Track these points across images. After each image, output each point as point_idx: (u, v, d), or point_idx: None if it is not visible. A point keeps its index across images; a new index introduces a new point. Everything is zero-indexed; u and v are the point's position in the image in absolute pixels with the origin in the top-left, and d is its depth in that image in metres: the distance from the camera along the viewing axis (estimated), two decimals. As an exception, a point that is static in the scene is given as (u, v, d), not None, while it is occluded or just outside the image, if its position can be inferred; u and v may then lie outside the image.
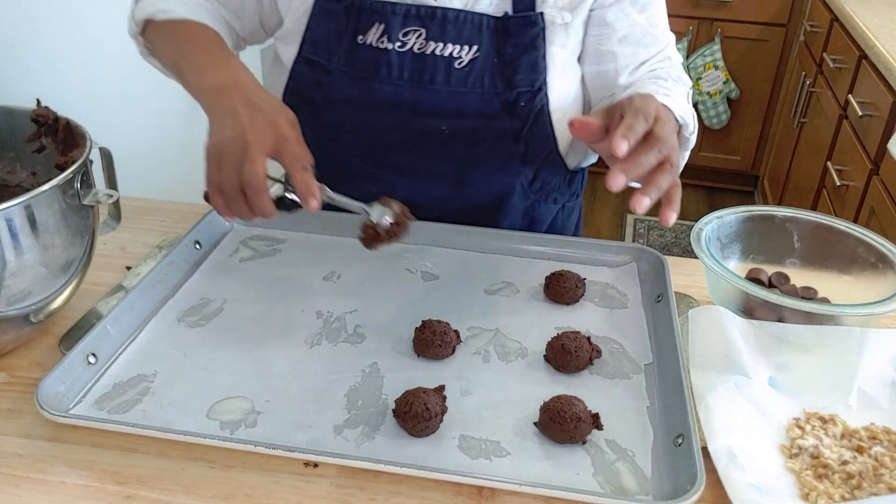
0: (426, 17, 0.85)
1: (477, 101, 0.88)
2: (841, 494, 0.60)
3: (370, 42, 0.87)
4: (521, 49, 0.86)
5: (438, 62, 0.86)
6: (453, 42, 0.86)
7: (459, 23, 0.85)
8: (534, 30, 0.86)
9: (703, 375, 0.69)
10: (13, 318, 0.68)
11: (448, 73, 0.87)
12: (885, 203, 1.67)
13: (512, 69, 0.87)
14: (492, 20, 0.86)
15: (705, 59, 2.98)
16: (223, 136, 0.70)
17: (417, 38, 0.86)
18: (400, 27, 0.86)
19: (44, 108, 0.77)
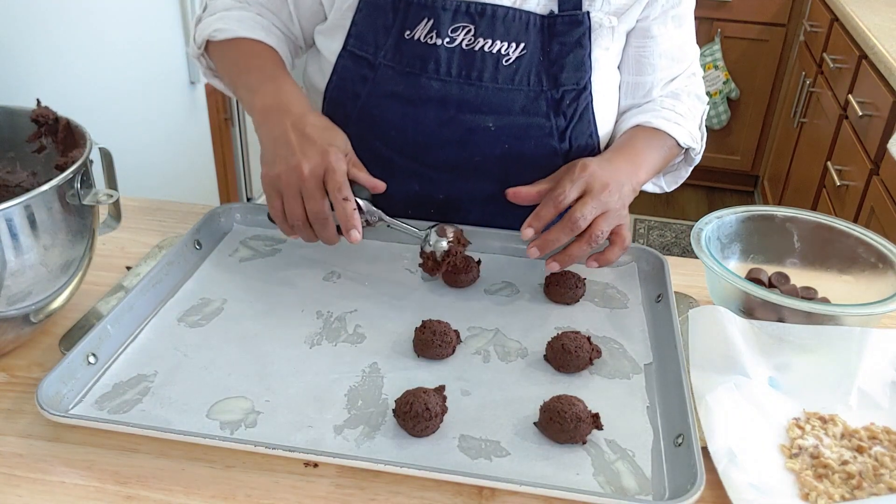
0: (476, 13, 0.86)
1: (523, 99, 0.88)
2: (841, 494, 0.60)
3: (418, 37, 0.87)
4: (568, 47, 0.87)
5: (487, 59, 0.87)
6: (501, 39, 0.86)
7: (508, 20, 0.86)
8: (580, 29, 0.87)
9: (703, 375, 0.69)
10: (13, 318, 0.68)
11: (496, 70, 0.87)
12: (885, 203, 1.67)
13: (558, 67, 0.88)
14: (539, 18, 0.86)
15: (705, 59, 2.98)
16: (278, 169, 0.75)
17: (466, 35, 0.86)
18: (449, 23, 0.86)
19: (44, 108, 0.77)
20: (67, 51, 1.47)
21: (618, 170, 0.83)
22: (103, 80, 1.58)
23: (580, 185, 0.79)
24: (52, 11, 1.42)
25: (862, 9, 2.14)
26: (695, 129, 0.95)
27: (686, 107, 0.95)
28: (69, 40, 1.48)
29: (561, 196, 0.79)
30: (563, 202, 0.79)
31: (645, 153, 0.90)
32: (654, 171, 0.91)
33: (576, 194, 0.79)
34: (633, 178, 0.85)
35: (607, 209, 0.79)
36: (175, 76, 1.83)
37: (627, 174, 0.84)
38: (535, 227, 0.79)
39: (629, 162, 0.86)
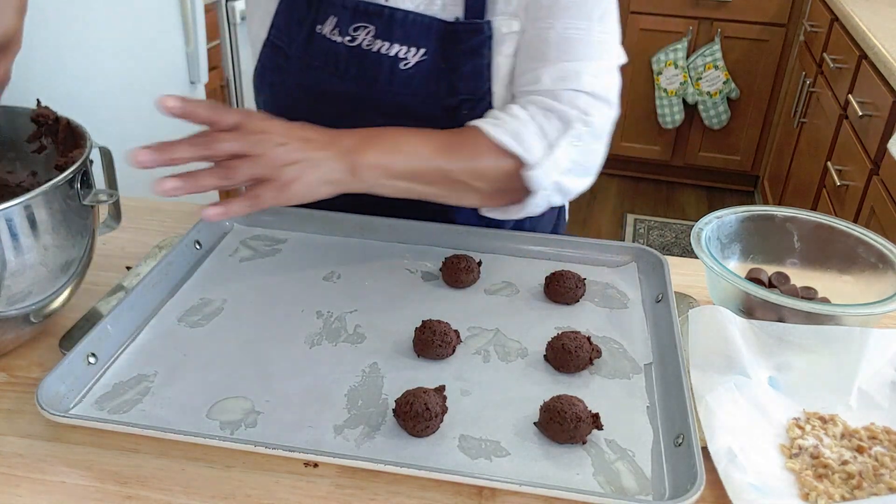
0: (374, 14, 0.85)
1: (419, 105, 0.86)
2: (841, 494, 0.60)
3: (325, 33, 0.87)
4: (467, 56, 0.84)
5: (383, 61, 0.85)
6: (400, 43, 0.85)
7: (408, 24, 0.84)
8: (480, 37, 0.83)
9: (703, 375, 0.69)
10: (13, 318, 0.68)
11: (392, 74, 0.86)
12: (885, 203, 1.67)
13: (457, 76, 0.85)
14: (441, 24, 0.84)
15: (705, 59, 2.99)
16: None
17: (367, 35, 0.85)
18: (350, 21, 0.86)
19: (44, 108, 0.77)
20: (67, 51, 1.47)
21: (320, 135, 0.73)
22: (103, 80, 1.58)
23: (235, 116, 0.70)
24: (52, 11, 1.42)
25: (862, 9, 2.14)
26: (528, 135, 0.79)
27: (528, 113, 0.81)
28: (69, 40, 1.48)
29: (215, 111, 0.69)
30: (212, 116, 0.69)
31: (398, 137, 0.78)
32: (420, 165, 0.77)
33: (228, 120, 0.69)
34: (346, 150, 0.73)
35: (259, 154, 0.68)
36: (175, 76, 1.83)
37: (334, 142, 0.73)
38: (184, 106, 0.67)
39: (359, 137, 0.75)
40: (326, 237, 0.92)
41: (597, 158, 0.84)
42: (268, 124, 0.71)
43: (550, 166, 0.80)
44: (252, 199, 0.70)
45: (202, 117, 0.69)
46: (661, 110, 3.10)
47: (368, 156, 0.75)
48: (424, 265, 0.87)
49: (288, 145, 0.70)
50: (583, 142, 0.81)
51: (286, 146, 0.70)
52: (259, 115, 0.72)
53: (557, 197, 0.83)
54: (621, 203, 3.18)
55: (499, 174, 0.80)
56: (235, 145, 0.68)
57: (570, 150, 0.81)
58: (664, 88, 3.07)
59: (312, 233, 0.92)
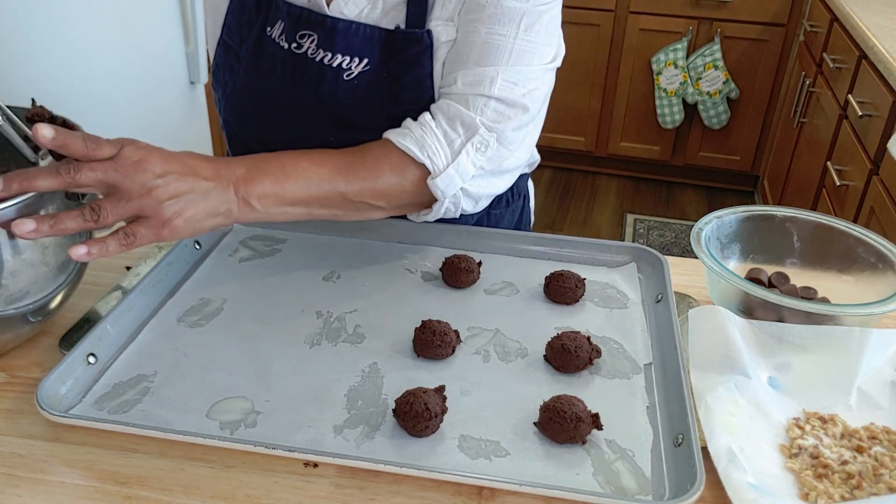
0: (316, 23, 0.83)
1: (363, 114, 0.85)
2: (841, 494, 0.60)
3: (274, 37, 0.87)
4: (408, 65, 0.83)
5: (327, 72, 0.84)
6: (342, 53, 0.83)
7: (350, 34, 0.83)
8: (420, 46, 0.82)
9: (703, 375, 0.69)
10: (11, 318, 0.68)
11: (335, 84, 0.84)
12: (885, 203, 1.67)
13: (399, 85, 0.84)
14: (382, 33, 0.82)
15: (705, 59, 2.98)
16: None
17: (311, 43, 0.84)
18: (295, 28, 0.84)
19: (39, 107, 0.77)
20: (67, 50, 1.47)
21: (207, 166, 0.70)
22: (103, 80, 1.58)
23: (112, 147, 0.65)
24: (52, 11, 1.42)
25: (862, 9, 2.14)
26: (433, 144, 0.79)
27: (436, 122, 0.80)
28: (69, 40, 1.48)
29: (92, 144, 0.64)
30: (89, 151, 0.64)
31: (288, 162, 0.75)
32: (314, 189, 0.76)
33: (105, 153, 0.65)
34: (235, 180, 0.71)
35: (123, 188, 0.64)
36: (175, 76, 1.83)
37: (222, 173, 0.71)
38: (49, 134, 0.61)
39: (247, 165, 0.73)
40: (326, 237, 0.92)
41: (512, 161, 0.84)
42: (146, 153, 0.66)
43: (454, 174, 0.80)
44: (126, 238, 0.65)
45: (76, 149, 0.63)
46: (661, 110, 3.10)
47: (258, 185, 0.72)
48: (424, 265, 0.87)
49: (167, 176, 0.66)
50: (489, 148, 0.81)
51: (165, 177, 0.66)
52: (139, 143, 0.67)
53: (467, 202, 0.83)
54: (621, 203, 3.18)
55: (401, 191, 0.80)
56: (100, 175, 0.63)
57: (475, 156, 0.80)
58: (664, 88, 3.07)
59: (312, 233, 0.92)
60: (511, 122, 0.81)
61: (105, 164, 0.64)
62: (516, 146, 0.83)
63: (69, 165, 0.63)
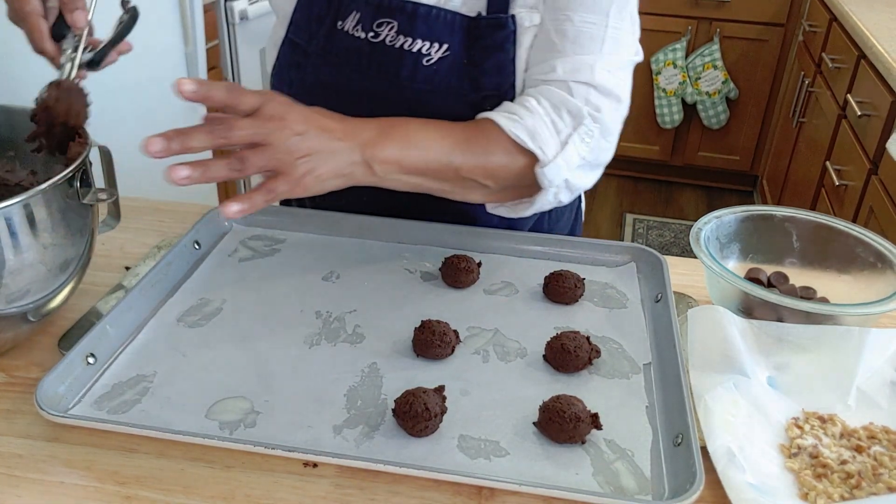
0: (397, 9, 0.84)
1: (443, 101, 0.85)
2: (840, 494, 0.60)
3: (347, 29, 0.87)
4: (490, 51, 0.83)
5: (406, 57, 0.85)
6: (423, 38, 0.84)
7: (431, 19, 0.83)
8: (503, 32, 0.83)
9: (703, 375, 0.69)
10: (11, 317, 0.68)
11: (415, 70, 0.85)
12: (884, 203, 1.67)
13: (479, 71, 0.84)
14: (464, 19, 0.83)
15: (704, 59, 2.99)
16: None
17: (389, 31, 0.84)
18: (373, 17, 0.85)
19: None
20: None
21: (340, 125, 0.73)
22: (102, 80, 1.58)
23: (254, 99, 0.68)
24: (51, 11, 1.42)
25: (861, 9, 2.14)
26: (543, 131, 0.79)
27: (542, 107, 0.80)
28: (68, 40, 1.47)
29: (234, 94, 0.68)
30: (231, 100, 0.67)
31: (414, 131, 0.77)
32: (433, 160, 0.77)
33: (247, 103, 0.68)
34: (363, 144, 0.73)
35: (269, 143, 0.67)
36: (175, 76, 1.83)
37: (353, 134, 0.73)
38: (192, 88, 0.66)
39: (377, 129, 0.75)
40: (326, 237, 0.92)
41: (606, 155, 0.84)
42: (286, 110, 0.69)
43: (562, 163, 0.80)
44: (267, 193, 0.68)
45: (219, 100, 0.67)
46: (660, 110, 3.11)
47: (385, 150, 0.74)
48: (424, 265, 0.87)
49: (305, 134, 0.69)
50: (593, 138, 0.81)
51: (303, 136, 0.69)
52: (279, 98, 0.70)
53: (565, 194, 0.83)
54: (620, 203, 3.18)
55: (509, 173, 0.81)
56: (251, 133, 0.67)
57: (581, 146, 0.81)
58: (663, 88, 3.07)
59: (312, 233, 0.92)
60: (610, 113, 0.82)
61: (251, 121, 0.67)
62: (614, 138, 0.84)
63: (221, 125, 0.66)
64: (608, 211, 3.12)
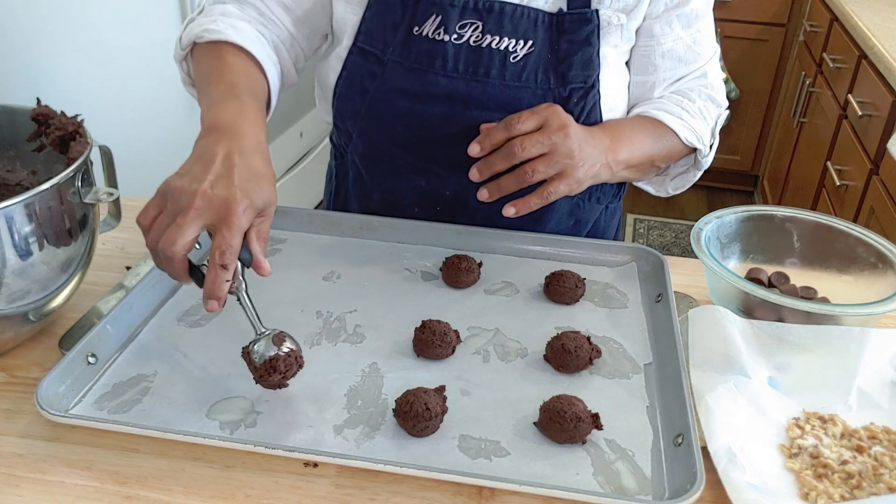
0: (483, 10, 0.86)
1: (530, 96, 0.88)
2: (840, 494, 0.60)
3: (426, 33, 0.87)
4: (576, 45, 0.87)
5: (494, 55, 0.87)
6: (509, 36, 0.86)
7: (516, 17, 0.86)
8: (588, 26, 0.87)
9: (703, 375, 0.69)
10: (12, 317, 0.68)
11: (503, 67, 0.87)
12: (885, 203, 1.67)
13: (566, 65, 0.88)
14: (547, 16, 0.86)
15: (705, 58, 2.98)
16: (180, 182, 0.64)
17: (474, 31, 0.86)
18: (457, 19, 0.86)
19: (44, 107, 0.77)
20: (67, 50, 1.47)
21: (591, 133, 0.83)
22: (103, 80, 1.58)
23: (538, 117, 0.79)
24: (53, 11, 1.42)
25: (861, 9, 2.14)
26: (702, 129, 0.93)
27: (696, 105, 0.93)
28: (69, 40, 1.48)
29: (515, 120, 0.79)
30: (516, 126, 0.78)
31: (632, 134, 0.89)
32: (643, 157, 0.89)
33: (531, 125, 0.79)
34: (606, 149, 0.84)
35: (554, 152, 0.78)
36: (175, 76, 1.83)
37: (600, 140, 0.83)
38: (482, 144, 0.80)
39: (609, 135, 0.86)
40: (326, 237, 0.92)
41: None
42: (567, 119, 0.80)
43: (714, 149, 0.96)
44: (547, 194, 0.79)
45: (502, 139, 0.79)
46: (661, 110, 3.10)
47: (620, 153, 0.85)
48: (424, 265, 0.87)
49: (582, 142, 0.80)
50: (720, 127, 0.96)
51: (581, 143, 0.79)
52: (559, 110, 0.80)
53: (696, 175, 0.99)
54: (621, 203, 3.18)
55: (680, 156, 0.95)
56: (541, 148, 0.78)
57: (716, 131, 0.96)
58: (664, 88, 3.07)
59: (312, 233, 0.92)
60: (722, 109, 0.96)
61: (541, 136, 0.78)
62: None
63: (513, 150, 0.78)
64: (609, 211, 3.12)
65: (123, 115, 1.66)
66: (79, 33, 1.50)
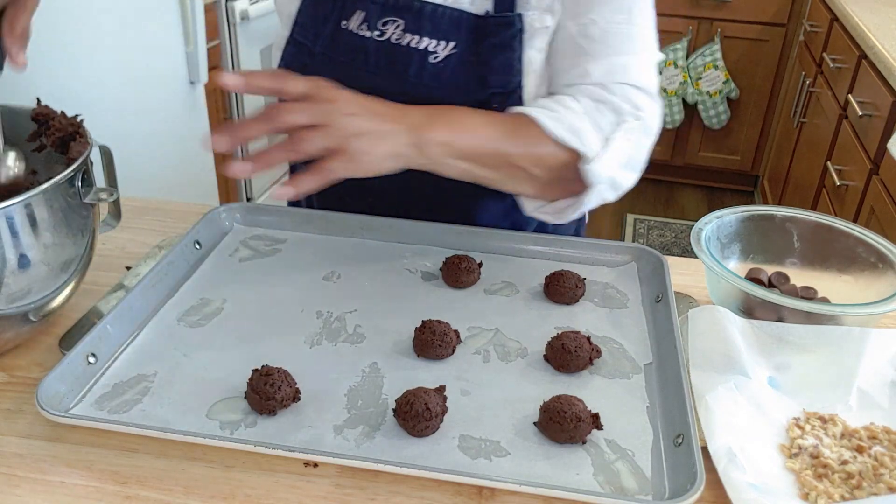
0: (404, 8, 0.84)
1: (449, 98, 0.85)
2: (841, 494, 0.60)
3: (352, 28, 0.87)
4: (498, 49, 0.84)
5: (413, 55, 0.85)
6: (430, 36, 0.84)
7: (437, 17, 0.84)
8: (511, 30, 0.83)
9: (703, 375, 0.69)
10: (12, 317, 0.68)
11: (422, 67, 0.85)
12: (885, 203, 1.67)
13: (487, 69, 0.84)
14: (471, 17, 0.83)
15: (705, 59, 2.99)
16: None
17: (396, 29, 0.85)
18: (379, 16, 0.85)
19: (44, 107, 0.77)
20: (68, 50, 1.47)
21: (389, 107, 0.74)
22: (103, 80, 1.58)
23: (303, 84, 0.70)
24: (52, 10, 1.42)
25: (862, 9, 2.14)
26: (582, 126, 0.80)
27: (582, 105, 0.81)
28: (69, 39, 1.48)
29: (282, 80, 0.70)
30: (279, 85, 0.69)
31: (465, 118, 0.79)
32: (484, 147, 0.78)
33: (297, 88, 0.70)
34: (413, 126, 0.74)
35: (327, 123, 0.69)
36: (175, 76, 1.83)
37: (402, 116, 0.74)
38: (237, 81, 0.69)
39: (427, 113, 0.76)
40: (326, 237, 0.92)
41: (645, 154, 0.85)
42: (337, 93, 0.71)
43: (607, 160, 0.80)
44: (323, 173, 0.70)
45: (266, 87, 0.69)
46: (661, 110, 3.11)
47: (435, 132, 0.75)
48: (424, 265, 0.87)
49: (358, 116, 0.71)
50: (634, 136, 0.82)
51: (356, 116, 0.70)
52: (327, 83, 0.72)
53: (611, 193, 0.83)
54: (621, 203, 3.18)
55: (558, 163, 0.81)
56: (305, 116, 0.68)
57: (624, 143, 0.81)
58: (664, 88, 3.07)
59: (312, 233, 0.92)
60: (648, 111, 0.83)
61: (303, 105, 0.69)
62: (654, 137, 0.84)
63: (273, 111, 0.68)
64: (609, 211, 3.12)
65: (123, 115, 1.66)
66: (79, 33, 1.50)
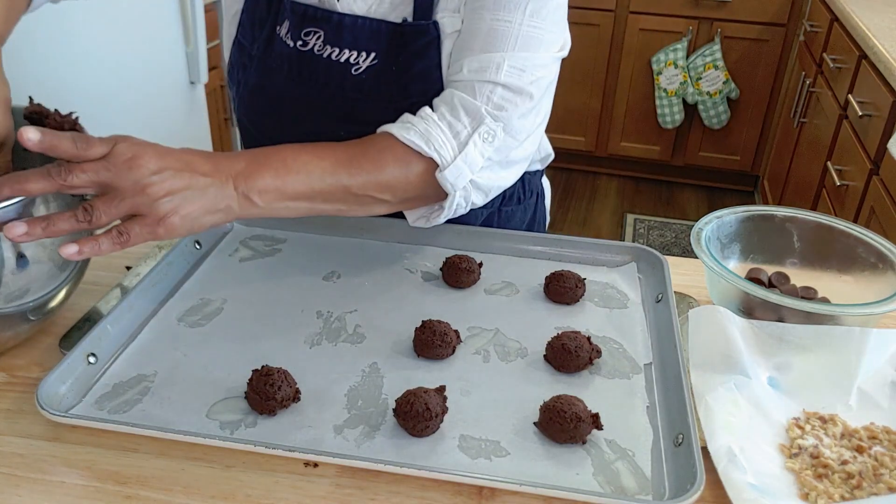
0: (322, 20, 0.84)
1: (372, 108, 0.85)
2: (841, 494, 0.60)
3: (282, 36, 0.88)
4: (416, 58, 0.83)
5: (334, 67, 0.85)
6: (350, 48, 0.84)
7: (357, 29, 0.83)
8: (426, 38, 0.82)
9: (703, 375, 0.69)
10: (11, 316, 0.68)
11: (343, 79, 0.85)
12: (885, 203, 1.67)
13: (408, 77, 0.83)
14: (389, 27, 0.82)
15: (705, 59, 2.98)
16: None
17: (317, 40, 0.84)
18: (300, 26, 0.85)
19: (36, 104, 0.77)
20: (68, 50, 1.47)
21: (205, 160, 0.68)
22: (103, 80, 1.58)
23: (103, 146, 0.63)
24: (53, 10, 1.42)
25: (862, 9, 2.14)
26: (434, 132, 0.77)
27: (439, 112, 0.79)
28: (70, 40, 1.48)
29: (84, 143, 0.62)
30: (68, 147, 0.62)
31: (292, 155, 0.74)
32: (319, 183, 0.74)
33: (96, 152, 0.63)
34: (234, 175, 0.69)
35: (115, 187, 0.63)
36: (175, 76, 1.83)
37: (217, 168, 0.69)
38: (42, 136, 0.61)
39: (248, 160, 0.71)
40: (326, 237, 0.92)
41: (517, 153, 0.82)
42: (138, 150, 0.64)
43: (462, 165, 0.77)
44: (119, 237, 0.63)
45: (66, 150, 0.62)
46: (661, 110, 3.10)
47: (259, 180, 0.70)
48: (424, 265, 0.87)
49: (163, 173, 0.64)
50: (496, 137, 0.79)
51: (160, 174, 0.64)
52: (132, 139, 0.66)
53: (477, 195, 0.81)
54: (621, 203, 3.18)
55: (408, 183, 0.78)
56: (92, 176, 0.62)
57: (483, 146, 0.78)
58: (664, 88, 3.07)
59: (312, 233, 0.92)
60: (517, 110, 0.80)
61: (97, 163, 0.63)
62: (523, 136, 0.82)
63: (60, 167, 0.61)
64: (609, 211, 3.12)
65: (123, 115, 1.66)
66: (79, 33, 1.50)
